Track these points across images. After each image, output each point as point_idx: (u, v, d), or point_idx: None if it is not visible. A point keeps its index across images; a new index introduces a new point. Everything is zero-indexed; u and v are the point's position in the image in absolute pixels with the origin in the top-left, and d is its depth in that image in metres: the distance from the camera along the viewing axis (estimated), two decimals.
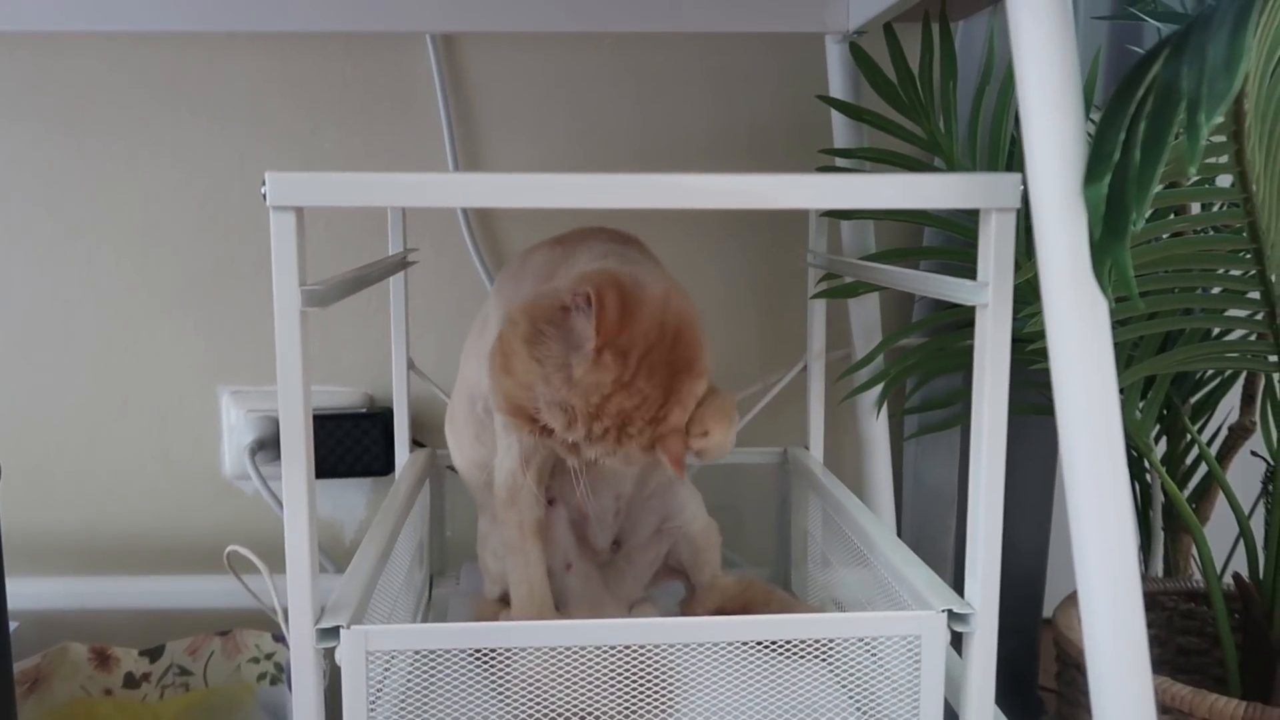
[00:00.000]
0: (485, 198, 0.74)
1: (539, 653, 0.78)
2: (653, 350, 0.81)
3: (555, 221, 1.04)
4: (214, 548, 1.36)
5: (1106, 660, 0.71)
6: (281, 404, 0.72)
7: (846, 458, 1.38)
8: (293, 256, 0.70)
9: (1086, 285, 0.67)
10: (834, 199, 0.77)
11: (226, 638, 1.27)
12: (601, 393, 0.80)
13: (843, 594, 1.04)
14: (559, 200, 0.73)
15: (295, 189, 0.70)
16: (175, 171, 1.34)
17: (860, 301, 1.24)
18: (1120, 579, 0.70)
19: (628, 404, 0.81)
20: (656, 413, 0.82)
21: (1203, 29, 0.58)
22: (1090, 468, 0.70)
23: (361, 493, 1.42)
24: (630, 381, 0.80)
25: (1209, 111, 0.54)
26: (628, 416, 0.81)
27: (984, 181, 0.73)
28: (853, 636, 0.80)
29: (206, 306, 1.37)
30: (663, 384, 0.81)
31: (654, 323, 0.81)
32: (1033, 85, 0.67)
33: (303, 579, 0.74)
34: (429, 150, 1.35)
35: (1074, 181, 0.66)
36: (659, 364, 0.81)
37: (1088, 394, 0.69)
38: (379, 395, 1.39)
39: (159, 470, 1.39)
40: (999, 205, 0.73)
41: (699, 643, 0.79)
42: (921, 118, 1.15)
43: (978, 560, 0.78)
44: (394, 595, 0.96)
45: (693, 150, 1.37)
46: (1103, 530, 0.70)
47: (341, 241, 1.35)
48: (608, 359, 0.80)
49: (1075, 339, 0.68)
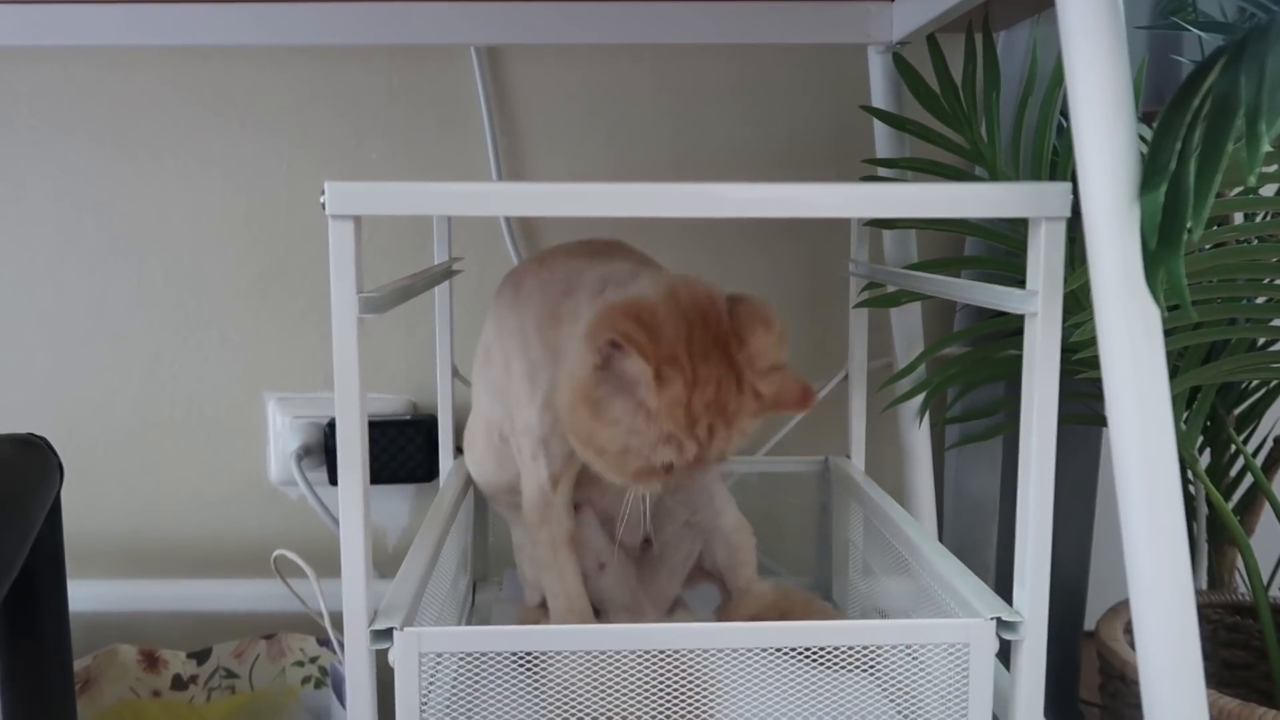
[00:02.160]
0: (538, 207, 0.74)
1: (576, 657, 0.78)
2: (692, 340, 0.82)
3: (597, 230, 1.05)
4: (260, 552, 1.37)
5: (1160, 673, 0.71)
6: (339, 409, 0.73)
7: (887, 467, 1.37)
8: (350, 264, 0.71)
9: (1139, 294, 0.66)
10: (884, 209, 0.77)
11: (271, 641, 1.28)
12: (681, 403, 0.81)
13: (885, 603, 1.03)
14: (606, 209, 0.74)
15: (353, 198, 0.71)
16: (224, 182, 1.36)
17: (902, 311, 1.24)
18: (1174, 591, 0.70)
19: (709, 394, 0.81)
20: (737, 381, 0.83)
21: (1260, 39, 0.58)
22: (1143, 478, 0.69)
23: (405, 499, 1.42)
24: (696, 377, 0.81)
25: (1270, 121, 0.54)
26: (717, 402, 0.82)
27: (1034, 191, 0.73)
28: (898, 644, 0.79)
29: (253, 315, 1.38)
30: (721, 357, 0.82)
31: (677, 319, 0.82)
32: (1084, 96, 0.67)
33: (358, 581, 0.75)
34: (472, 162, 1.36)
35: (1127, 191, 0.66)
36: (706, 346, 0.82)
37: (1141, 403, 0.69)
38: (423, 403, 1.40)
39: (207, 476, 1.40)
40: (1049, 214, 0.73)
41: (738, 649, 0.79)
42: (964, 127, 1.15)
43: (1026, 569, 0.78)
44: (441, 600, 0.97)
45: (732, 162, 1.37)
46: (1156, 542, 0.70)
47: (384, 252, 1.36)
48: (667, 373, 0.80)
49: (1128, 347, 0.68)
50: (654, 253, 1.02)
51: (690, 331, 0.82)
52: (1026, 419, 0.77)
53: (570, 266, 0.95)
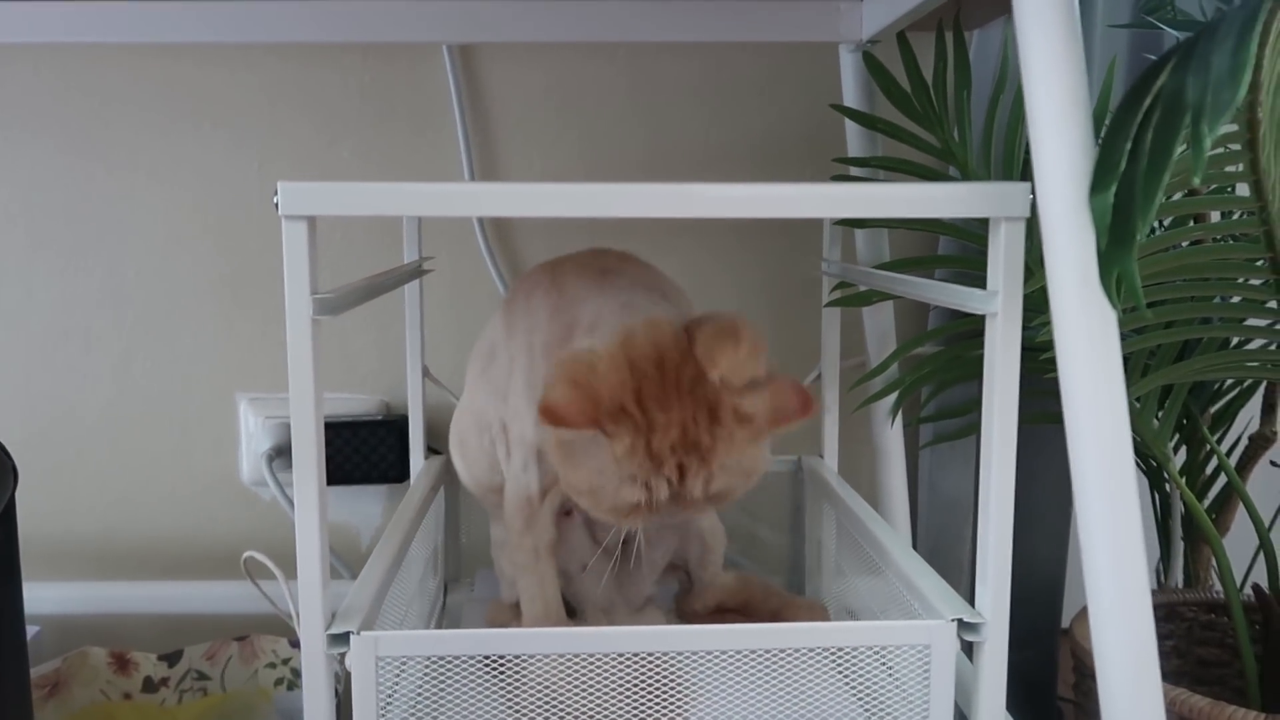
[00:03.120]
0: (492, 207, 0.74)
1: (550, 661, 0.78)
2: (641, 390, 0.80)
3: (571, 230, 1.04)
4: (232, 553, 1.37)
5: (1117, 674, 0.71)
6: (293, 412, 0.73)
7: (861, 466, 1.37)
8: (304, 265, 0.71)
9: (1095, 295, 0.67)
10: (845, 209, 0.77)
11: (244, 643, 1.28)
12: (638, 450, 0.79)
13: (856, 603, 1.04)
14: (574, 210, 0.73)
15: (306, 198, 0.71)
16: (194, 182, 1.36)
17: (874, 309, 1.24)
18: (1130, 591, 0.70)
19: (672, 436, 0.79)
20: (711, 414, 0.80)
21: (1209, 39, 0.58)
22: (1099, 478, 0.70)
23: (378, 499, 1.42)
24: (651, 424, 0.79)
25: (1213, 121, 0.54)
26: (685, 442, 0.80)
27: (993, 191, 0.74)
28: (863, 645, 0.80)
29: (225, 315, 1.38)
30: (685, 397, 0.80)
31: (621, 373, 0.80)
32: (1041, 95, 0.67)
33: (313, 585, 0.75)
34: (445, 161, 1.36)
35: (1082, 191, 0.66)
36: (663, 391, 0.80)
37: (1096, 405, 0.69)
38: (395, 403, 1.40)
39: (177, 476, 1.40)
40: (1008, 214, 0.73)
41: (712, 651, 0.79)
42: (936, 126, 1.15)
43: (988, 569, 0.78)
44: (406, 601, 0.97)
45: (705, 160, 1.37)
46: (1112, 541, 0.70)
47: (358, 250, 1.36)
48: (611, 429, 0.79)
49: (1084, 349, 0.68)
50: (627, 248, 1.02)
51: (639, 382, 0.80)
52: (988, 419, 0.77)
53: (577, 291, 0.94)
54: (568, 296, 0.94)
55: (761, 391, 0.82)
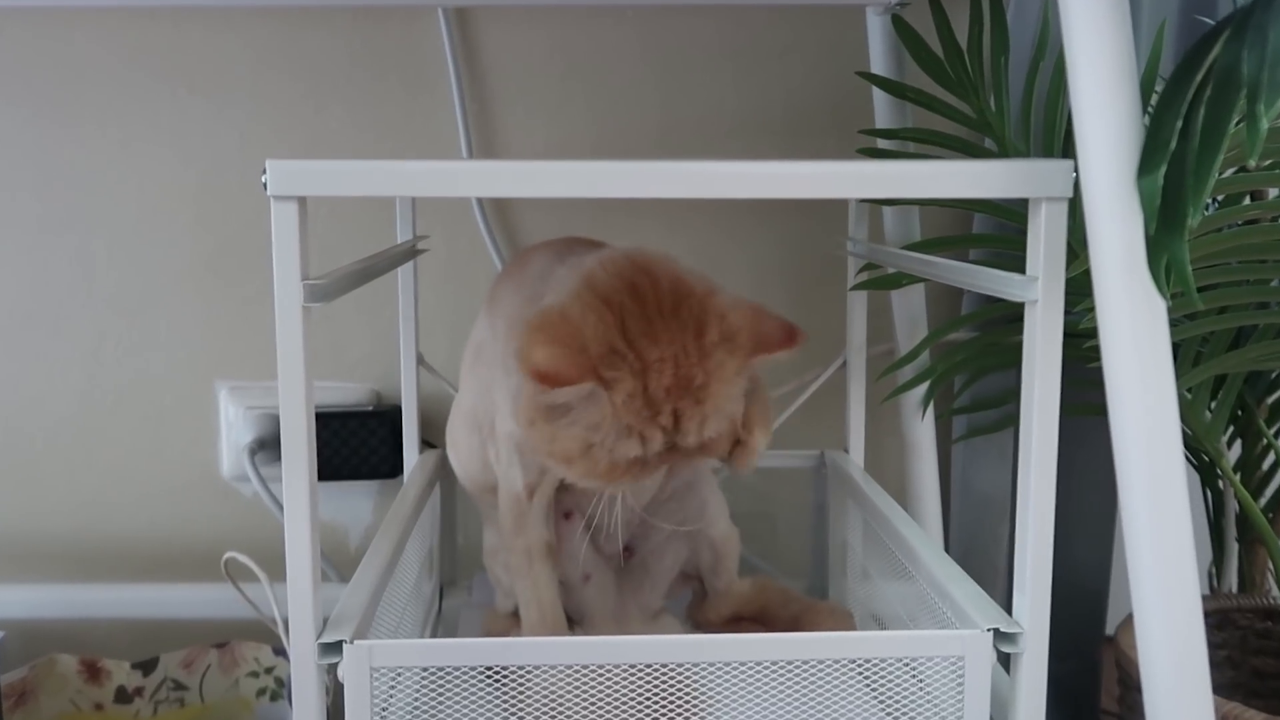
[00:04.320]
0: (498, 187, 0.75)
1: (556, 671, 0.79)
2: (626, 324, 0.81)
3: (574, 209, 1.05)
4: (211, 554, 1.37)
5: (1165, 686, 0.72)
6: (283, 406, 0.74)
7: (889, 462, 1.38)
8: (294, 249, 0.71)
9: (1142, 282, 0.67)
10: (871, 188, 0.78)
11: (224, 650, 1.29)
12: (637, 394, 0.81)
13: (883, 610, 1.05)
14: (582, 190, 0.74)
15: (297, 178, 0.71)
16: (172, 154, 1.36)
17: (904, 293, 1.25)
18: (1179, 597, 0.71)
19: (666, 376, 0.81)
20: (699, 342, 0.82)
21: (1265, 8, 0.58)
22: (1146, 475, 0.71)
23: (368, 496, 1.43)
24: (645, 362, 0.81)
25: (1270, 101, 0.55)
26: (679, 382, 0.81)
27: (1033, 169, 0.74)
28: (891, 656, 0.80)
29: (204, 297, 1.38)
30: (671, 325, 0.82)
31: (599, 311, 0.82)
32: (1083, 64, 0.68)
33: (304, 589, 0.76)
34: (440, 131, 1.36)
35: (1129, 170, 0.66)
36: (647, 322, 0.82)
37: (1143, 396, 0.70)
38: (387, 392, 1.40)
39: (153, 471, 1.41)
40: (1049, 194, 0.74)
41: (728, 662, 0.80)
42: (970, 95, 1.15)
43: (1026, 574, 0.79)
44: (401, 607, 0.98)
45: (721, 131, 1.37)
46: (1160, 543, 0.71)
47: (347, 227, 1.37)
48: (608, 374, 0.81)
49: (1130, 337, 0.69)
50: (635, 232, 1.02)
51: (621, 317, 0.81)
52: (1026, 412, 0.78)
53: (537, 268, 0.96)
54: (529, 275, 0.96)
55: (744, 311, 0.84)
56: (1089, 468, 1.32)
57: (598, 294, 0.83)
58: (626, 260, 0.85)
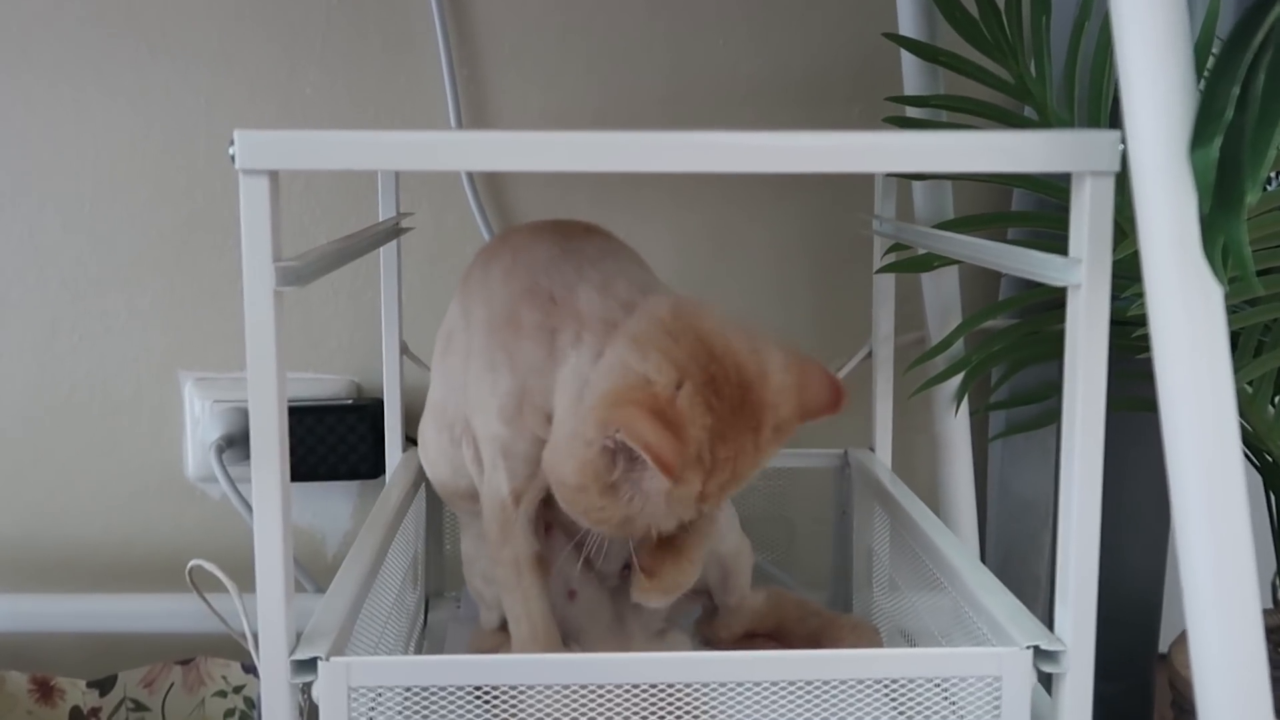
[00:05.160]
0: (490, 160, 0.75)
1: (551, 692, 0.79)
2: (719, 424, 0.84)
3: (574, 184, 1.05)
4: (175, 561, 1.37)
5: (1222, 708, 0.72)
6: (252, 400, 0.74)
7: (919, 462, 1.38)
8: (265, 228, 0.71)
9: (1195, 265, 0.67)
10: (899, 161, 0.77)
11: (188, 667, 1.29)
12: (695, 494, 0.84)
13: (913, 624, 1.05)
14: (579, 163, 0.74)
15: (268, 149, 0.71)
16: (132, 121, 1.36)
17: (935, 276, 1.24)
18: (1237, 611, 0.71)
19: (724, 475, 0.85)
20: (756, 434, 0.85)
21: None
22: (1201, 477, 0.70)
23: (347, 498, 1.44)
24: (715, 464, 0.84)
25: None
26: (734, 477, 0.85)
27: (1077, 140, 0.74)
28: (921, 676, 0.80)
29: (167, 278, 1.39)
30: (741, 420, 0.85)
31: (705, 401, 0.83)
32: (1131, 25, 0.67)
33: (275, 601, 0.76)
34: (425, 96, 1.36)
35: (1181, 143, 0.66)
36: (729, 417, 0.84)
37: (1198, 390, 0.69)
38: (367, 385, 1.41)
39: (110, 470, 1.41)
40: (1094, 168, 0.73)
41: (743, 682, 0.80)
42: (1008, 59, 1.15)
43: (1070, 586, 0.78)
44: (382, 621, 0.98)
45: (737, 97, 1.37)
46: (1216, 552, 0.70)
47: (323, 203, 1.37)
48: (688, 476, 0.83)
49: (1183, 325, 0.69)
50: (641, 209, 1.02)
51: (711, 414, 0.83)
52: (1070, 406, 0.78)
53: (539, 259, 0.96)
54: (523, 263, 0.96)
55: (789, 383, 0.86)
56: (1138, 468, 1.32)
57: (696, 385, 0.83)
58: (696, 338, 0.86)
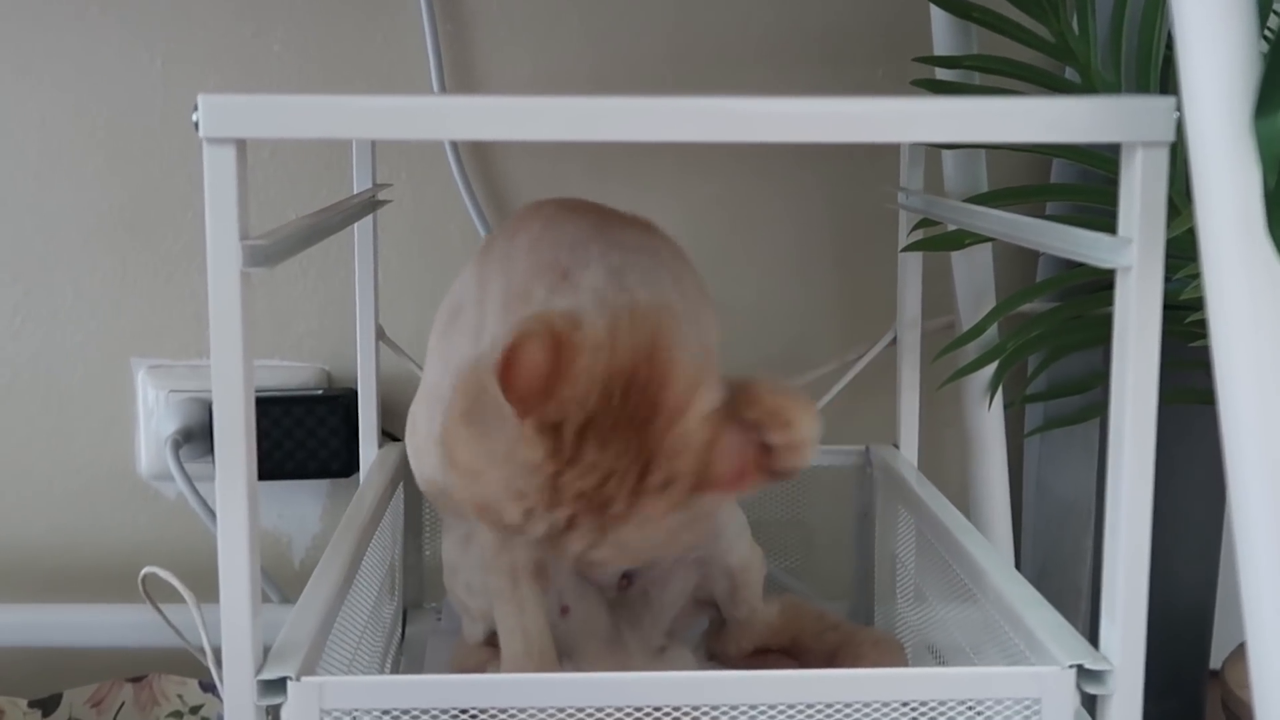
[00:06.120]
0: (476, 128, 0.75)
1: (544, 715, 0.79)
2: (597, 417, 0.80)
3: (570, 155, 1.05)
4: (126, 568, 1.37)
5: None
6: (217, 390, 0.74)
7: (948, 459, 1.38)
8: (232, 202, 0.71)
9: (1258, 245, 0.67)
10: (927, 129, 0.77)
11: (140, 685, 1.29)
12: (542, 472, 0.80)
13: (941, 639, 1.05)
14: (574, 132, 0.74)
15: (236, 116, 0.71)
16: (79, 85, 1.36)
17: (967, 255, 1.24)
18: None
19: (587, 484, 0.80)
20: (641, 475, 0.81)
21: None
22: (1263, 477, 0.70)
23: (316, 499, 1.44)
24: (575, 456, 0.80)
25: None
26: (596, 498, 0.81)
27: (1126, 107, 0.74)
28: (952, 698, 0.80)
29: (119, 258, 1.38)
30: (628, 444, 0.81)
31: (594, 379, 0.80)
32: None
33: (240, 613, 0.76)
34: (404, 57, 1.36)
35: (1244, 110, 0.66)
36: (612, 427, 0.80)
37: (1260, 381, 0.69)
38: (339, 373, 1.41)
39: (55, 467, 1.41)
40: (1146, 138, 0.73)
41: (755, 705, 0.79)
42: (1048, 15, 1.15)
43: (1117, 599, 0.78)
44: (357, 635, 0.98)
45: (747, 57, 1.37)
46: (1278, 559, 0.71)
47: (292, 176, 1.37)
48: (531, 433, 0.79)
49: (1244, 314, 0.68)
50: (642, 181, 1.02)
51: (606, 401, 0.80)
52: (1118, 402, 0.77)
53: (564, 232, 0.94)
54: (552, 238, 0.95)
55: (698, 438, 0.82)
56: (1189, 467, 1.32)
57: (612, 357, 0.81)
58: (650, 328, 0.83)
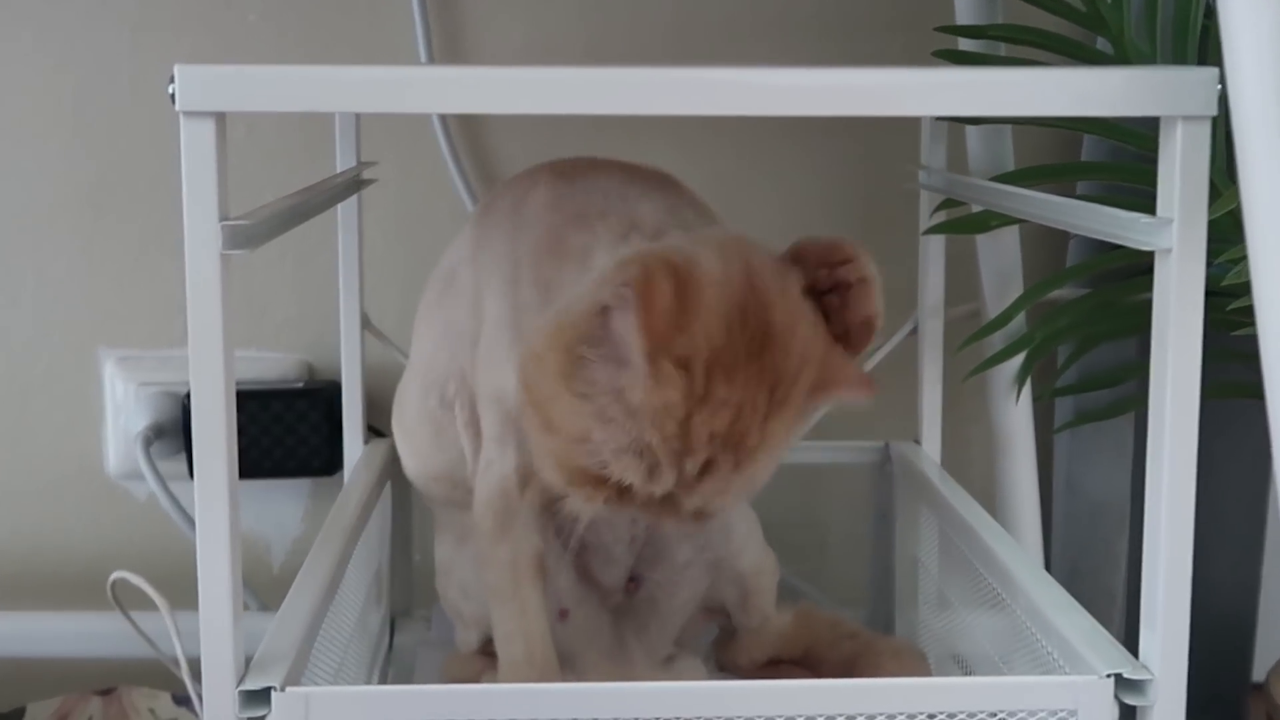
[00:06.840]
0: (465, 101, 0.75)
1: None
2: (724, 348, 0.80)
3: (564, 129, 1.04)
4: (93, 573, 1.37)
5: None
6: (195, 380, 0.74)
7: (973, 456, 1.39)
8: (211, 181, 0.71)
9: None
10: (950, 103, 0.78)
11: (109, 698, 1.29)
12: (675, 417, 0.79)
13: (967, 648, 1.05)
14: (568, 105, 0.74)
15: (216, 88, 0.71)
16: (41, 55, 1.36)
17: (993, 238, 1.24)
18: None
19: (720, 422, 0.80)
20: (771, 396, 0.82)
21: None
22: None
23: (296, 498, 1.44)
24: (708, 394, 0.79)
25: None
26: (731, 435, 0.81)
27: (1164, 79, 0.74)
28: (980, 711, 0.80)
29: (84, 241, 1.38)
30: (755, 372, 0.81)
31: (719, 310, 0.81)
32: None
33: (221, 621, 0.76)
34: (390, 25, 1.36)
35: None
36: (739, 356, 0.81)
37: None
38: (321, 364, 1.41)
39: (18, 466, 1.41)
40: (1186, 112, 0.73)
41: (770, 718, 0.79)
42: None
43: (1158, 604, 0.78)
44: (343, 644, 0.98)
45: (754, 26, 1.37)
46: None
47: (270, 153, 1.37)
48: (666, 371, 0.78)
49: None
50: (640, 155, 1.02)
51: (728, 335, 0.80)
52: (1157, 395, 0.77)
53: (598, 185, 0.95)
54: (580, 190, 0.95)
55: (815, 351, 0.84)
56: (1231, 465, 1.32)
57: (731, 291, 0.81)
58: (743, 264, 0.84)
